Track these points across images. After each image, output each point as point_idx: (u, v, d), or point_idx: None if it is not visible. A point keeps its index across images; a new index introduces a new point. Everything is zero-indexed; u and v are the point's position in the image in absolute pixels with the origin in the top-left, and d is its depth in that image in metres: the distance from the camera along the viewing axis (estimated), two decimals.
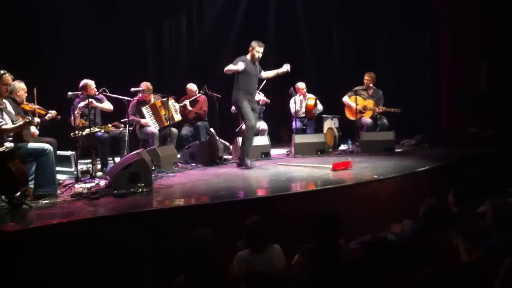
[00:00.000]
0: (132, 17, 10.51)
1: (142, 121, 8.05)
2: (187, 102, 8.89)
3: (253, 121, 7.30)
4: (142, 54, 10.89)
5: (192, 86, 9.02)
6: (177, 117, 8.42)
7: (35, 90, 5.86)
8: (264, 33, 11.72)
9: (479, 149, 8.27)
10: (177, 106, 8.53)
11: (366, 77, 9.28)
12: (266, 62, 11.50)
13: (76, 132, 6.90)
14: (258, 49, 7.38)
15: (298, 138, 8.76)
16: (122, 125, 7.51)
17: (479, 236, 3.90)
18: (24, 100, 6.19)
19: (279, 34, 11.62)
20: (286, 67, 7.67)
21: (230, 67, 7.14)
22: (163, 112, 8.11)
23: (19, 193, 5.14)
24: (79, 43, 9.43)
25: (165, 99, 8.16)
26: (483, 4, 9.11)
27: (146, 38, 10.92)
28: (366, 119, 9.10)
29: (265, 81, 9.21)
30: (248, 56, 7.40)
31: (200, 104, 9.03)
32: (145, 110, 8.08)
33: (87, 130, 6.89)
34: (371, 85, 9.24)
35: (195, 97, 8.96)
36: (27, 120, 5.49)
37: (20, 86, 6.13)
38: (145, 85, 8.16)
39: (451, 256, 3.76)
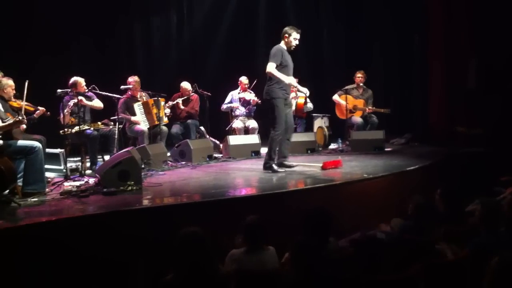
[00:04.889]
0: (121, 13, 10.44)
1: (133, 118, 8.00)
2: (179, 100, 8.85)
3: (282, 127, 6.55)
4: (131, 50, 10.83)
5: (186, 85, 8.97)
6: (165, 120, 8.39)
7: (26, 84, 5.77)
8: (254, 30, 11.74)
9: (468, 147, 8.33)
10: (167, 111, 8.49)
11: (358, 75, 9.28)
12: (258, 60, 11.58)
13: (65, 129, 6.86)
14: (296, 36, 6.55)
15: None
16: (112, 123, 7.47)
17: (467, 234, 3.94)
18: (12, 97, 6.11)
19: (269, 31, 11.61)
20: (305, 90, 7.09)
21: (279, 75, 6.39)
22: (155, 110, 8.07)
23: (7, 191, 5.11)
24: (68, 40, 9.36)
25: (156, 98, 8.12)
26: (474, 3, 9.15)
27: (136, 35, 10.86)
28: (357, 118, 9.12)
29: (256, 80, 9.21)
30: (284, 45, 6.60)
31: (192, 103, 9.00)
32: (137, 107, 8.03)
33: (77, 128, 6.86)
34: (361, 84, 9.27)
35: (188, 96, 8.93)
36: (18, 119, 5.46)
37: (8, 83, 6.04)
38: (133, 80, 8.10)
39: (440, 253, 3.79)
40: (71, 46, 9.47)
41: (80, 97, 6.99)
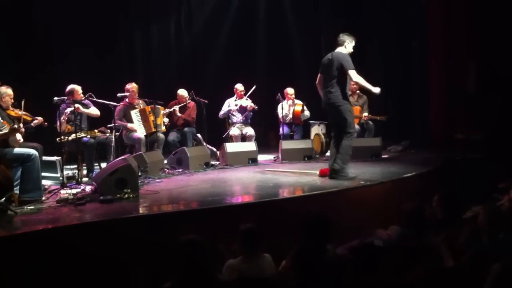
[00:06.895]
0: (120, 21, 10.45)
1: (129, 125, 7.98)
2: (176, 107, 8.84)
3: (356, 129, 6.79)
4: (129, 58, 10.83)
5: (183, 92, 8.97)
6: (163, 128, 8.39)
7: (23, 102, 5.87)
8: (253, 38, 11.73)
9: (466, 154, 8.33)
10: (166, 120, 8.48)
11: (353, 82, 9.26)
12: (257, 67, 11.59)
13: (62, 137, 6.85)
14: (353, 44, 6.78)
15: (286, 144, 8.76)
16: (109, 131, 7.46)
17: (467, 240, 3.93)
18: (10, 106, 6.10)
19: (268, 39, 11.63)
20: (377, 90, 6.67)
21: (367, 85, 6.57)
22: (152, 118, 8.05)
23: (4, 199, 5.08)
24: (68, 47, 9.35)
25: (153, 105, 8.10)
26: (473, 5, 9.18)
27: (134, 42, 10.86)
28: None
29: (254, 87, 9.22)
30: (344, 51, 6.71)
31: (189, 110, 8.99)
32: (134, 114, 8.02)
33: (73, 135, 6.85)
34: (356, 91, 9.27)
35: (185, 103, 8.93)
36: (14, 127, 5.45)
37: (7, 92, 6.02)
38: (131, 86, 8.09)
39: (438, 260, 3.78)
40: (71, 53, 9.45)
41: (77, 105, 6.97)
